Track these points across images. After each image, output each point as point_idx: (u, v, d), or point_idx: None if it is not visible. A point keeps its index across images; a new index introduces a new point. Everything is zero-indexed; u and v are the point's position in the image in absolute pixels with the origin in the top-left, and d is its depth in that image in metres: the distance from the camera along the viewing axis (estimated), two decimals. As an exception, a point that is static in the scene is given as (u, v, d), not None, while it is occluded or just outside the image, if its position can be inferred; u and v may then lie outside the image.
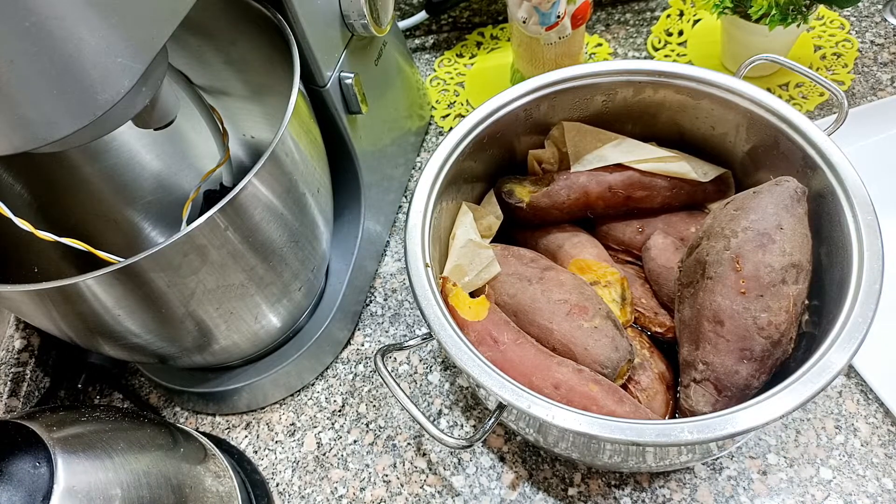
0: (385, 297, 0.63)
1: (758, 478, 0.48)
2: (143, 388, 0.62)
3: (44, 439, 0.37)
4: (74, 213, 0.58)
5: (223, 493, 0.46)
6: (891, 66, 0.69)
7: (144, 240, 0.64)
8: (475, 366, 0.38)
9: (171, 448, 0.44)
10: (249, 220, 0.41)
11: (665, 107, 0.52)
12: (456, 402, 0.55)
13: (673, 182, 0.52)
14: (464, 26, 0.85)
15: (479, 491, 0.51)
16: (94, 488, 0.36)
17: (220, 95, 0.59)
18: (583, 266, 0.51)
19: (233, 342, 0.50)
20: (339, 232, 0.60)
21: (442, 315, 0.41)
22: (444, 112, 0.76)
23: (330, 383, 0.59)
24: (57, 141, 0.31)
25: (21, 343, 0.58)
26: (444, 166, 0.48)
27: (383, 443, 0.54)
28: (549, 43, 0.65)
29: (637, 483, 0.49)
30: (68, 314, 0.41)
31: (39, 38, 0.27)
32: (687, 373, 0.44)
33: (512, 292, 0.48)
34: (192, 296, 0.42)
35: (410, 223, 0.46)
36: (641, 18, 0.80)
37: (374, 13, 0.53)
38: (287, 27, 0.46)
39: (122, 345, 0.45)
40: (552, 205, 0.53)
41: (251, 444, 0.56)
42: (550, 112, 0.53)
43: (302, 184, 0.46)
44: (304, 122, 0.47)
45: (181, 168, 0.64)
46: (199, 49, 0.55)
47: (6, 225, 0.41)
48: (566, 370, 0.43)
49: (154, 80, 0.36)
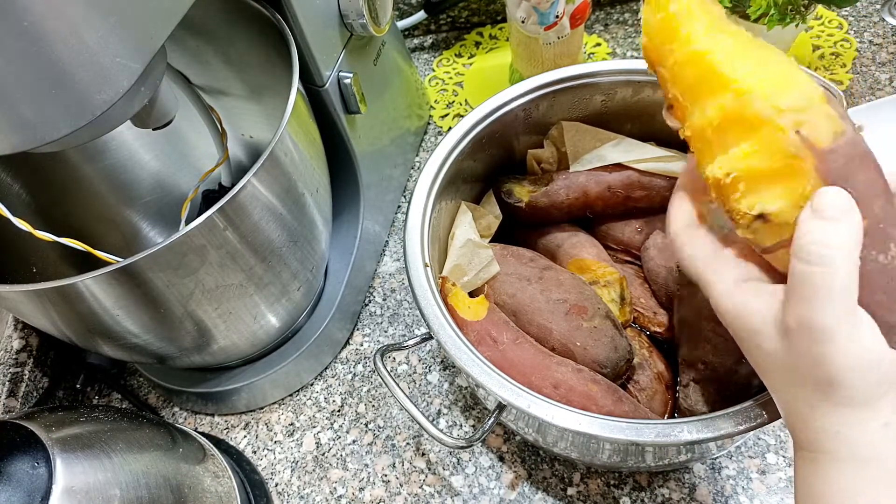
0: (384, 297, 0.63)
1: (757, 477, 0.48)
2: (141, 388, 0.62)
3: (42, 439, 0.37)
4: (73, 213, 0.58)
5: (222, 493, 0.46)
6: (889, 65, 0.69)
7: (143, 240, 0.64)
8: (474, 365, 0.38)
9: (169, 448, 0.44)
10: (248, 220, 0.41)
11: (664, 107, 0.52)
12: (455, 402, 0.55)
13: (672, 182, 0.51)
14: (462, 26, 0.85)
15: (478, 491, 0.51)
16: (93, 488, 0.36)
17: (219, 95, 0.59)
18: (582, 266, 0.51)
19: (232, 342, 0.50)
20: (338, 232, 0.60)
21: (441, 315, 0.41)
22: (442, 112, 0.76)
23: (329, 383, 0.59)
24: (55, 141, 0.31)
25: (19, 343, 0.58)
26: (443, 166, 0.48)
27: (382, 443, 0.54)
28: (547, 42, 0.65)
29: (636, 482, 0.49)
30: (67, 314, 0.41)
31: (37, 38, 0.27)
32: (686, 372, 0.44)
33: (511, 292, 0.48)
34: (190, 296, 0.42)
35: (409, 223, 0.46)
36: (640, 18, 0.80)
37: (373, 13, 0.53)
38: (286, 27, 0.46)
39: (120, 345, 0.45)
40: (551, 204, 0.53)
41: (250, 444, 0.56)
42: (549, 112, 0.53)
43: (301, 184, 0.46)
44: (302, 121, 0.47)
45: (180, 168, 0.64)
46: (197, 49, 0.55)
47: (5, 225, 0.41)
48: (565, 370, 0.43)
49: (153, 80, 0.36)
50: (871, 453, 0.27)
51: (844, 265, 0.26)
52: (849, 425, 0.27)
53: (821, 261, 0.26)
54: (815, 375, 0.27)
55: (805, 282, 0.26)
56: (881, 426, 0.27)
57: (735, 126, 0.30)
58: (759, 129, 0.28)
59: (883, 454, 0.27)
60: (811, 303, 0.26)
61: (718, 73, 0.30)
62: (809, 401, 0.28)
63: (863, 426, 0.27)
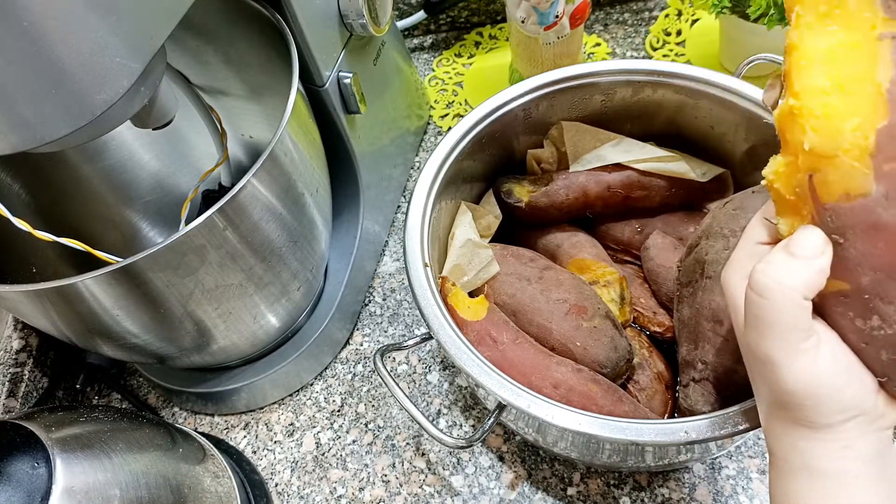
0: (384, 297, 0.63)
1: (757, 477, 0.48)
2: (141, 388, 0.62)
3: (42, 440, 0.37)
4: (73, 213, 0.58)
5: (222, 493, 0.46)
6: (889, 65, 0.69)
7: (143, 240, 0.64)
8: (474, 365, 0.38)
9: (169, 448, 0.44)
10: (248, 220, 0.41)
11: (664, 106, 0.52)
12: (455, 402, 0.55)
13: (672, 182, 0.52)
14: (462, 26, 0.85)
15: (478, 491, 0.51)
16: (93, 489, 0.36)
17: (219, 95, 0.59)
18: (582, 265, 0.51)
19: (231, 342, 0.50)
20: (338, 232, 0.60)
21: (441, 315, 0.41)
22: (442, 112, 0.76)
23: (329, 383, 0.59)
24: (55, 141, 0.31)
25: (19, 343, 0.58)
26: (442, 166, 0.48)
27: (382, 443, 0.54)
28: (547, 42, 0.65)
29: (636, 482, 0.49)
30: (67, 314, 0.41)
31: (37, 38, 0.27)
32: (686, 372, 0.44)
33: (511, 292, 0.48)
34: (190, 296, 0.42)
35: (409, 223, 0.46)
36: (640, 18, 0.80)
37: (373, 13, 0.53)
38: (286, 27, 0.46)
39: (120, 345, 0.45)
40: (551, 204, 0.53)
41: (250, 445, 0.56)
42: (549, 112, 0.53)
43: (301, 184, 0.46)
44: (302, 121, 0.47)
45: (180, 168, 0.64)
46: (197, 49, 0.55)
47: (4, 225, 0.41)
48: (565, 370, 0.43)
49: (152, 80, 0.36)
50: (827, 468, 0.28)
51: (785, 304, 0.26)
52: (807, 440, 0.28)
53: (766, 294, 0.27)
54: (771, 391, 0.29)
55: (751, 310, 0.27)
56: (840, 447, 0.27)
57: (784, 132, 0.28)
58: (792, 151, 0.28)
59: (840, 470, 0.27)
60: (758, 330, 0.27)
61: (790, 72, 0.28)
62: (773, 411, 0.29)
63: (821, 445, 0.28)
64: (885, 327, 0.27)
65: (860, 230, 0.26)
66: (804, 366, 0.27)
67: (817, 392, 0.27)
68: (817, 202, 0.26)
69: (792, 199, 0.28)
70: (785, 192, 0.28)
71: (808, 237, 0.27)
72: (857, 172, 0.25)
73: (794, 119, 0.27)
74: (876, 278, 0.26)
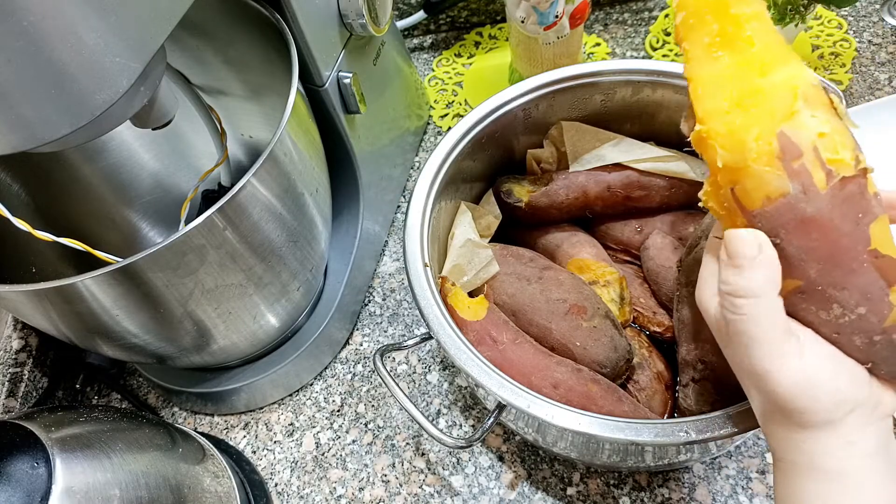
0: (384, 297, 0.63)
1: (756, 477, 0.48)
2: (141, 388, 0.62)
3: (42, 440, 0.37)
4: (72, 213, 0.58)
5: (222, 493, 0.46)
6: (888, 65, 0.69)
7: (142, 240, 0.64)
8: (474, 365, 0.38)
9: (169, 448, 0.44)
10: (248, 220, 0.41)
11: (663, 106, 0.52)
12: (455, 402, 0.55)
13: (671, 181, 0.52)
14: (462, 26, 0.85)
15: (477, 491, 0.51)
16: (93, 489, 0.36)
17: (219, 95, 0.59)
18: (581, 265, 0.51)
19: (231, 342, 0.50)
20: (338, 232, 0.60)
21: (441, 315, 0.41)
22: (442, 112, 0.76)
23: (328, 383, 0.59)
24: (55, 140, 0.31)
25: (19, 343, 0.58)
26: (442, 166, 0.48)
27: (382, 443, 0.54)
28: (547, 42, 0.65)
29: (636, 482, 0.49)
30: (66, 314, 0.41)
31: (37, 38, 0.27)
32: (686, 372, 0.44)
33: (511, 292, 0.48)
34: (190, 296, 0.42)
35: (409, 223, 0.46)
36: (640, 18, 0.80)
37: (373, 13, 0.53)
38: (285, 27, 0.46)
39: (120, 345, 0.45)
40: (551, 204, 0.53)
41: (250, 445, 0.56)
42: (549, 112, 0.53)
43: (300, 184, 0.46)
44: (302, 121, 0.47)
45: (179, 168, 0.64)
46: (197, 49, 0.55)
47: (4, 225, 0.41)
48: (565, 370, 0.43)
49: (152, 80, 0.36)
50: (834, 467, 0.28)
51: (759, 310, 0.27)
52: (811, 441, 0.28)
53: (739, 310, 0.27)
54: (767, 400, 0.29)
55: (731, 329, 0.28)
56: (844, 444, 0.28)
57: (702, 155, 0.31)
58: (712, 170, 0.30)
59: (847, 468, 0.28)
60: (742, 345, 0.28)
61: (693, 102, 0.31)
62: (772, 417, 0.30)
63: (825, 443, 0.28)
64: (848, 313, 0.28)
65: (791, 227, 0.27)
66: (793, 368, 0.27)
67: (812, 390, 0.27)
68: (744, 211, 0.28)
69: (724, 214, 0.30)
70: (718, 208, 0.30)
71: (737, 243, 0.28)
72: (771, 176, 0.27)
73: (704, 142, 0.29)
74: (822, 268, 0.27)
